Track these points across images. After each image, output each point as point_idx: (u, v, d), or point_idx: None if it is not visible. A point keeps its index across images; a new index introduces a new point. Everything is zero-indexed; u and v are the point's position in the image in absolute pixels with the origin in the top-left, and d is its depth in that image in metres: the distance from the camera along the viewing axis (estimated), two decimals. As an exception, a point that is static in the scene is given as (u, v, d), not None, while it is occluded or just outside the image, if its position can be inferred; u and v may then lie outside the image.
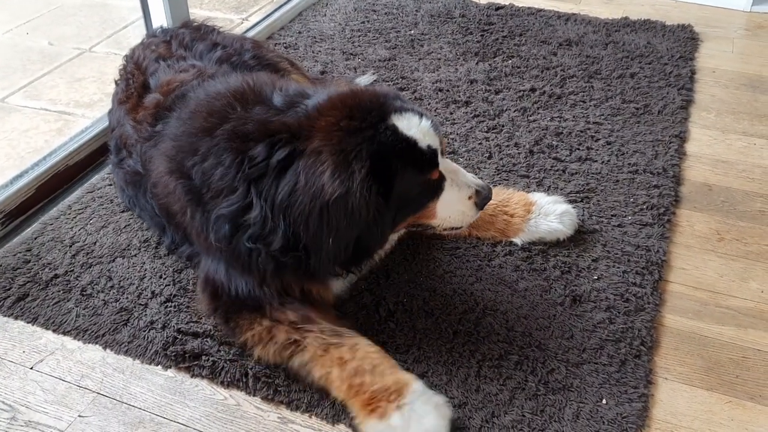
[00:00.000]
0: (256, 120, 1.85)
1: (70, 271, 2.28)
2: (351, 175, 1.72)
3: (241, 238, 1.83)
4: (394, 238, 2.17)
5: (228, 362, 1.96)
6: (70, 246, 2.38)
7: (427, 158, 1.86)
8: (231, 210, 1.82)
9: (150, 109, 2.19)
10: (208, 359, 1.97)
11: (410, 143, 1.82)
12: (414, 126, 1.83)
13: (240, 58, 2.47)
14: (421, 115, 1.87)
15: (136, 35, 4.10)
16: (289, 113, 1.86)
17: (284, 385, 1.89)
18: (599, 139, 2.86)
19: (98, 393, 1.92)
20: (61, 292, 2.21)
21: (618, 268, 2.25)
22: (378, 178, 1.76)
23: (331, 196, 1.72)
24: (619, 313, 2.09)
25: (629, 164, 2.72)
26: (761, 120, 3.04)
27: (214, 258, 1.98)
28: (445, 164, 1.96)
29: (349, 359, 1.80)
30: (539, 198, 2.38)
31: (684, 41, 3.64)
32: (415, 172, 1.85)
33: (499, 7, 4.01)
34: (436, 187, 1.94)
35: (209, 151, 1.87)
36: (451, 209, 1.98)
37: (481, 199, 2.00)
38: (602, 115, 3.02)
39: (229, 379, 1.93)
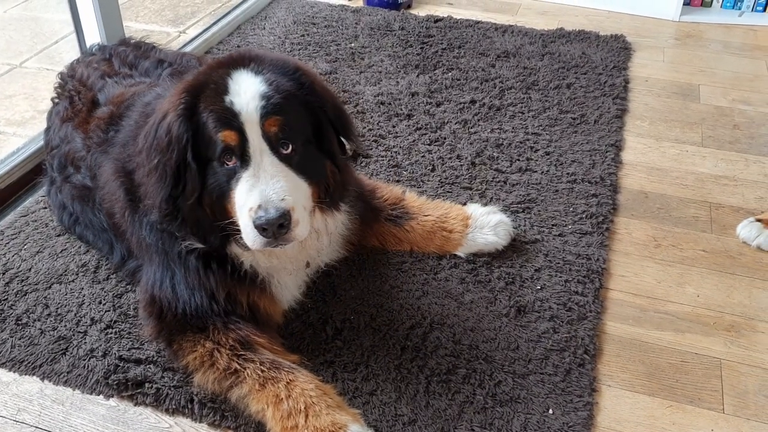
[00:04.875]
0: None
1: (4, 299, 2.20)
2: (171, 99, 1.83)
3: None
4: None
5: (172, 389, 1.92)
6: (3, 273, 2.30)
7: (226, 111, 1.74)
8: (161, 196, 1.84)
9: (104, 119, 2.21)
10: (152, 386, 1.92)
11: (219, 91, 1.77)
12: (241, 81, 1.79)
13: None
14: (258, 77, 1.79)
15: (68, 50, 3.99)
16: None
17: (231, 410, 1.86)
18: (538, 150, 2.91)
19: (36, 427, 1.85)
20: (-5, 322, 2.13)
21: (560, 277, 2.29)
22: (189, 112, 1.78)
23: (155, 121, 1.83)
24: (562, 322, 2.13)
25: (568, 174, 2.77)
26: (692, 127, 3.15)
27: (154, 264, 1.97)
28: (267, 161, 1.75)
29: (284, 397, 1.78)
30: (474, 210, 2.40)
31: (617, 51, 3.75)
32: (213, 122, 1.75)
33: (437, 20, 4.05)
34: (231, 170, 1.76)
35: None
36: (240, 210, 1.76)
37: (257, 218, 1.69)
38: (540, 125, 3.08)
39: (174, 406, 1.88)
